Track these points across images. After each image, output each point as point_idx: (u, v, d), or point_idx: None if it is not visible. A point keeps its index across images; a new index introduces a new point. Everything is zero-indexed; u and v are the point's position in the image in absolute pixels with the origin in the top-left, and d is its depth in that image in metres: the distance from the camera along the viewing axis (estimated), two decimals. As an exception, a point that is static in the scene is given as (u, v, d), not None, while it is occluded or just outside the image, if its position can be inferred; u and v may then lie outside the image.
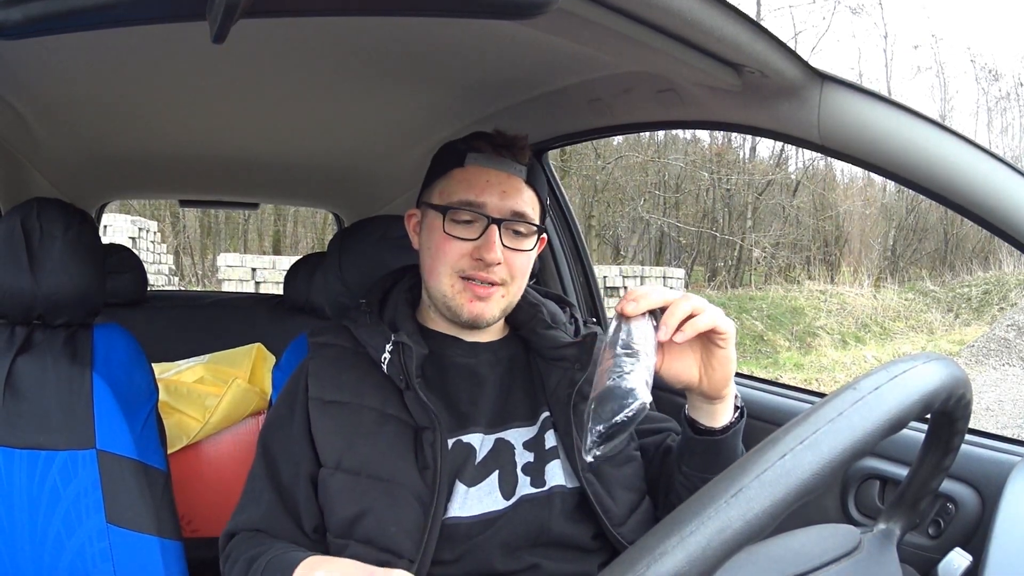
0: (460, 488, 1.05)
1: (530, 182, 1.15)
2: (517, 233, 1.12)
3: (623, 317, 0.92)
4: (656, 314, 0.93)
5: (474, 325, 1.13)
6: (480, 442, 1.09)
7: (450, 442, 1.07)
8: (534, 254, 1.16)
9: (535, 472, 1.09)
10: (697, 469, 1.07)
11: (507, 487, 1.07)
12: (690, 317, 0.92)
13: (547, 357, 1.16)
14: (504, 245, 1.10)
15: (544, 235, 1.18)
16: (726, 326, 0.95)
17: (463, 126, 1.77)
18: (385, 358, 1.09)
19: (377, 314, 1.17)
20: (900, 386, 0.59)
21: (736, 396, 1.05)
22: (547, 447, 1.11)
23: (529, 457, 1.10)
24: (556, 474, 1.09)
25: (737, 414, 1.05)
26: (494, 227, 1.09)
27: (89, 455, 1.28)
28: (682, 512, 0.52)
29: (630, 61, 1.27)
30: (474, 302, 1.10)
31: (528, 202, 1.13)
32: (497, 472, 1.08)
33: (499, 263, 1.09)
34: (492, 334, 1.20)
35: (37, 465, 1.26)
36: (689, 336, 0.92)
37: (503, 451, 1.09)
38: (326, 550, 1.06)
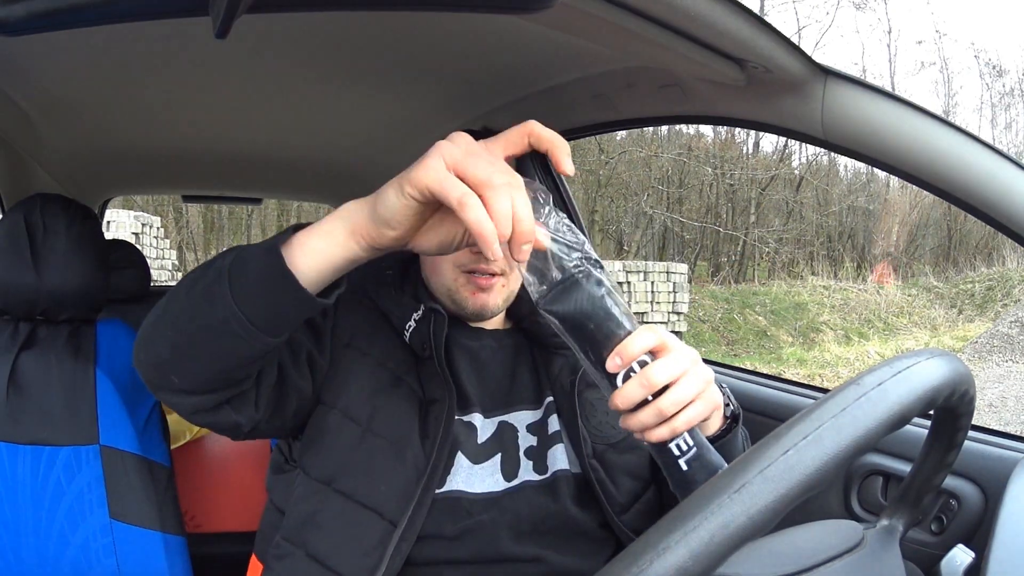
0: (464, 462, 1.05)
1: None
2: None
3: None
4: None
5: (479, 316, 1.14)
6: (481, 424, 1.09)
7: (454, 418, 1.08)
8: None
9: (537, 457, 1.09)
10: None
11: (509, 470, 1.07)
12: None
13: (549, 345, 1.17)
14: None
15: None
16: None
17: (465, 121, 1.77)
18: (410, 326, 1.10)
19: (399, 287, 1.17)
20: (903, 382, 0.59)
21: (727, 405, 0.96)
22: (551, 431, 1.12)
23: (532, 441, 1.10)
24: (559, 459, 1.10)
25: (725, 426, 0.96)
26: None
27: (92, 451, 1.28)
28: (685, 507, 0.52)
29: (633, 56, 1.27)
30: (477, 294, 1.11)
31: None
32: (500, 454, 1.08)
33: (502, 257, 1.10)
34: (495, 324, 1.21)
35: (41, 461, 1.27)
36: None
37: (507, 434, 1.10)
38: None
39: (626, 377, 0.80)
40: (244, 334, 0.78)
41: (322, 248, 0.77)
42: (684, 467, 0.80)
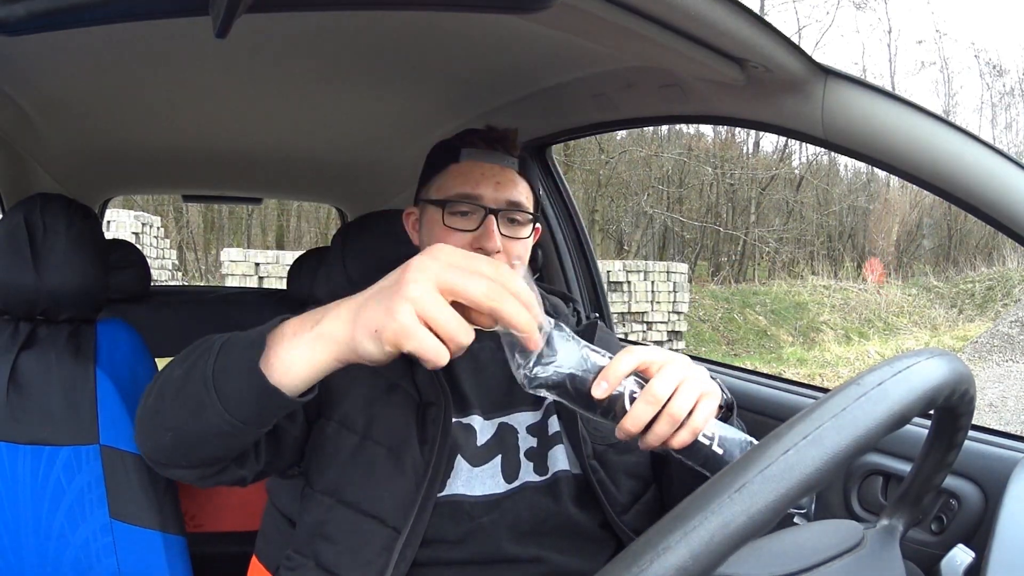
0: (464, 465, 1.05)
1: (523, 173, 1.17)
2: (513, 221, 1.14)
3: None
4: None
5: None
6: (480, 425, 1.09)
7: (452, 421, 1.07)
8: (530, 242, 1.18)
9: (538, 458, 1.09)
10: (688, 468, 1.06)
11: (509, 471, 1.07)
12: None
13: None
14: (502, 234, 1.11)
15: (538, 224, 1.20)
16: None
17: (466, 120, 1.77)
18: None
19: None
20: (904, 381, 0.59)
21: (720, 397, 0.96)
22: (551, 432, 1.12)
23: (533, 442, 1.10)
24: (559, 460, 1.10)
25: (720, 415, 0.95)
26: (491, 217, 1.11)
27: (92, 451, 1.28)
28: (685, 507, 0.52)
29: (633, 56, 1.27)
30: None
31: (522, 192, 1.15)
32: (500, 456, 1.08)
33: (499, 251, 1.10)
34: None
35: (41, 461, 1.26)
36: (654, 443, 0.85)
37: (507, 435, 1.10)
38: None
39: (630, 402, 0.83)
40: (238, 432, 0.84)
41: (304, 364, 0.80)
42: (719, 451, 0.84)
